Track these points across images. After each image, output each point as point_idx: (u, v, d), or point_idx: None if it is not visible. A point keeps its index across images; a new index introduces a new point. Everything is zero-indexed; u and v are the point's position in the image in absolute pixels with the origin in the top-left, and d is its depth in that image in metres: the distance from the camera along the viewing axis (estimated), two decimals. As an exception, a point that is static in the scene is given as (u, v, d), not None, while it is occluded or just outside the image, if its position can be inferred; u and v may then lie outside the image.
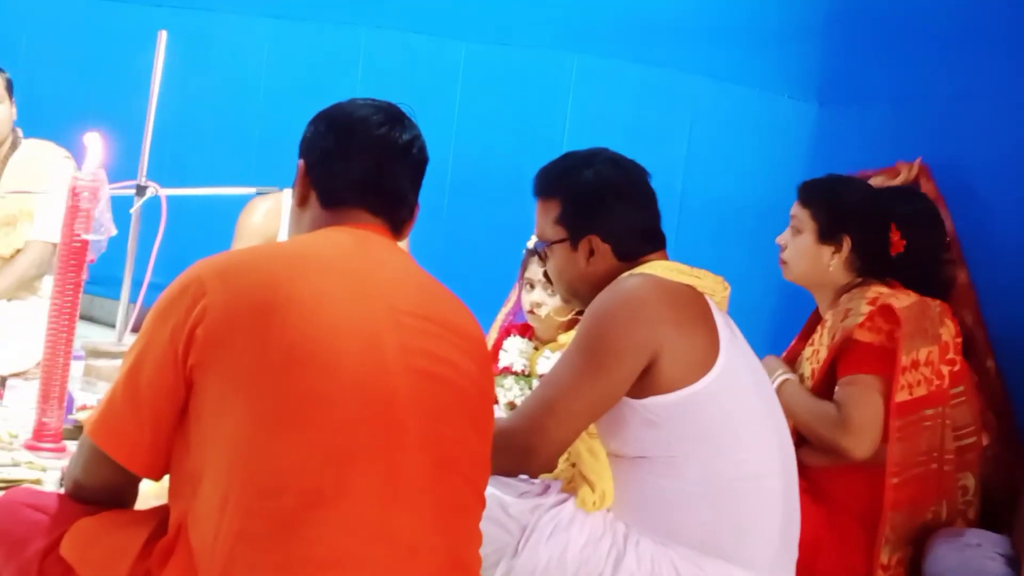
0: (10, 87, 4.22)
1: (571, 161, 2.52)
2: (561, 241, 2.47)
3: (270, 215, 3.87)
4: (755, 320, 3.30)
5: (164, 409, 1.68)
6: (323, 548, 1.59)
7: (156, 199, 4.11)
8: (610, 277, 2.42)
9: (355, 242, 1.83)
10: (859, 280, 3.00)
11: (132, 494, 1.84)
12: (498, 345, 3.64)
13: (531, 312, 3.51)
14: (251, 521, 1.58)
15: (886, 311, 2.85)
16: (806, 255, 3.03)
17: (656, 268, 2.40)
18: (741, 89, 4.26)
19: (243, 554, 1.57)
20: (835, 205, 3.01)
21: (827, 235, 3.00)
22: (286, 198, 3.90)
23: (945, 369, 2.87)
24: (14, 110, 4.24)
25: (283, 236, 3.84)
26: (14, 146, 4.29)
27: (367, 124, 1.90)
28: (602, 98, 4.53)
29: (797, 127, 4.16)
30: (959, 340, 2.94)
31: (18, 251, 4.23)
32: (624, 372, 2.30)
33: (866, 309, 2.86)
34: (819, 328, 3.03)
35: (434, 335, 1.77)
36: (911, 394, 2.80)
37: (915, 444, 2.83)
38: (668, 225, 4.26)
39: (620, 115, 4.46)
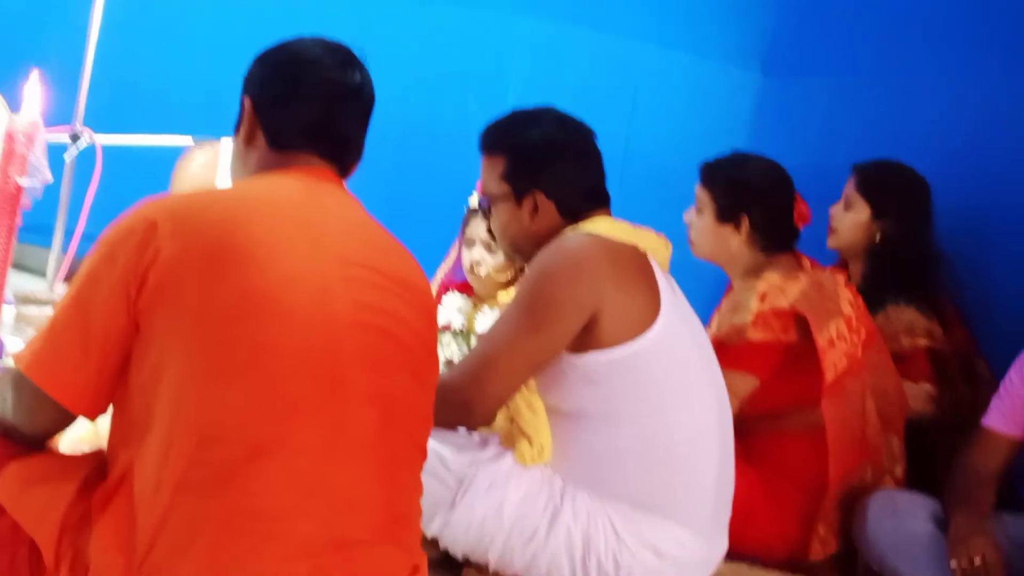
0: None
1: (518, 118, 2.51)
2: (505, 197, 2.47)
3: (207, 166, 3.81)
4: (694, 283, 3.33)
5: (111, 350, 1.64)
6: (262, 499, 1.57)
7: (91, 147, 4.04)
8: (553, 234, 2.42)
9: (307, 190, 1.80)
10: (763, 258, 3.00)
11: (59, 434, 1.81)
12: (437, 302, 3.63)
13: (470, 270, 3.50)
14: (192, 470, 1.56)
15: (777, 312, 2.87)
16: (708, 235, 3.05)
17: (599, 226, 2.40)
18: (686, 56, 4.26)
19: (183, 503, 1.55)
20: (732, 184, 3.02)
21: (725, 215, 3.01)
22: (224, 148, 3.84)
23: (855, 338, 2.90)
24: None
25: (220, 186, 3.79)
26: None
27: (318, 66, 1.87)
28: (548, 61, 4.50)
29: (740, 96, 4.17)
30: (859, 303, 2.97)
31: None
32: (564, 328, 2.31)
33: (755, 306, 2.88)
34: (720, 305, 3.08)
35: (383, 288, 1.75)
36: (836, 371, 2.84)
37: (843, 415, 2.87)
38: (610, 189, 4.28)
39: (565, 78, 4.43)
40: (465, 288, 3.62)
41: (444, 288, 3.67)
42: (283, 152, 1.86)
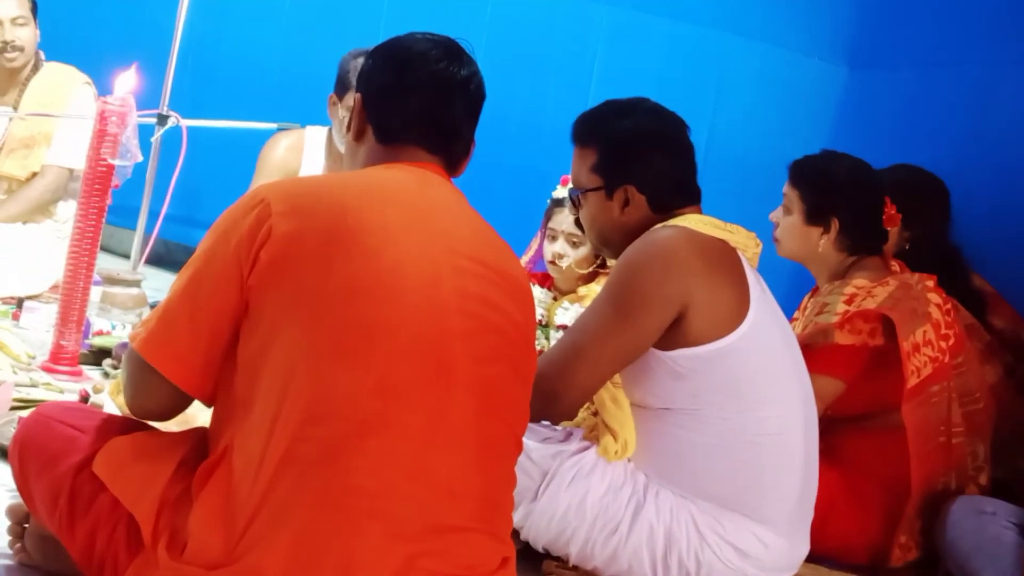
0: (34, 9, 4.18)
1: (611, 109, 2.49)
2: (596, 189, 2.45)
3: (292, 151, 3.84)
4: (776, 279, 3.30)
5: (222, 328, 1.66)
6: (364, 478, 1.59)
7: (177, 129, 4.09)
8: (643, 228, 2.40)
9: (417, 181, 1.81)
10: (851, 260, 2.97)
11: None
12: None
13: (552, 263, 3.50)
14: (297, 446, 1.58)
15: (864, 314, 2.83)
16: (795, 235, 3.01)
17: (689, 221, 2.38)
18: (770, 48, 4.22)
19: (285, 477, 1.57)
20: (823, 186, 2.97)
21: (815, 216, 2.98)
22: (309, 135, 3.87)
23: (944, 344, 2.87)
24: (38, 32, 4.20)
25: (304, 172, 3.82)
26: (35, 68, 4.26)
27: (425, 59, 1.88)
28: (630, 52, 4.49)
29: (825, 89, 4.13)
30: (949, 308, 2.93)
31: (34, 174, 4.20)
32: (653, 323, 2.29)
33: (842, 308, 2.85)
34: (804, 304, 3.04)
35: (488, 280, 1.76)
36: (919, 376, 2.80)
37: (926, 421, 2.83)
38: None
39: (648, 69, 4.42)
40: (545, 280, 3.62)
41: (524, 280, 3.67)
42: (391, 146, 1.87)
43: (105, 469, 1.73)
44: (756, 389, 2.33)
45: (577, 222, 2.55)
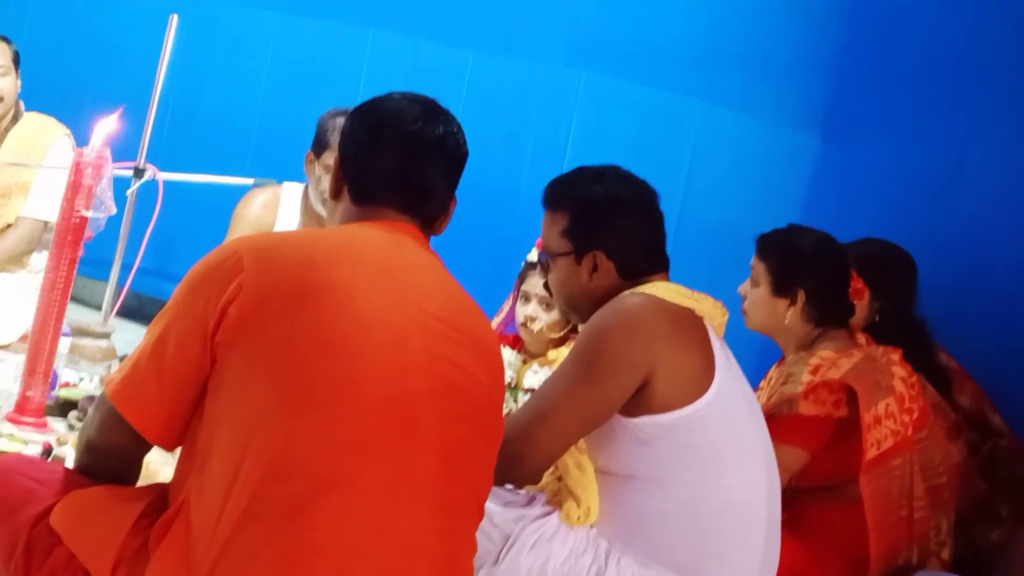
0: (16, 59, 4.20)
1: (583, 175, 2.52)
2: (566, 254, 2.47)
3: (267, 207, 3.84)
4: (745, 348, 3.32)
5: (187, 381, 1.68)
6: (323, 535, 1.59)
7: (153, 182, 4.09)
8: (611, 294, 2.42)
9: (388, 239, 1.83)
10: (817, 332, 3.00)
11: (137, 466, 1.84)
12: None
13: (524, 325, 3.50)
14: (258, 501, 1.58)
15: (828, 384, 2.85)
16: (763, 307, 3.04)
17: (657, 288, 2.40)
18: (744, 118, 4.27)
19: (245, 534, 1.57)
20: (789, 259, 3.01)
21: (781, 288, 3.00)
22: (285, 191, 3.88)
23: (907, 418, 2.88)
24: (19, 82, 4.22)
25: (279, 228, 3.82)
26: (15, 118, 4.27)
27: (400, 119, 1.91)
28: (606, 116, 4.53)
29: (799, 160, 4.17)
30: (914, 382, 2.96)
31: (8, 225, 4.20)
32: (618, 389, 2.30)
33: (806, 379, 2.87)
34: (770, 374, 3.06)
35: (456, 342, 1.77)
36: (879, 448, 2.81)
37: (886, 494, 2.84)
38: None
39: (623, 134, 4.46)
40: (516, 343, 3.62)
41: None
42: (365, 206, 1.90)
43: (62, 522, 1.73)
44: (720, 457, 2.34)
45: (546, 286, 2.56)
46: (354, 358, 1.65)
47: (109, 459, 1.79)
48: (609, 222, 2.45)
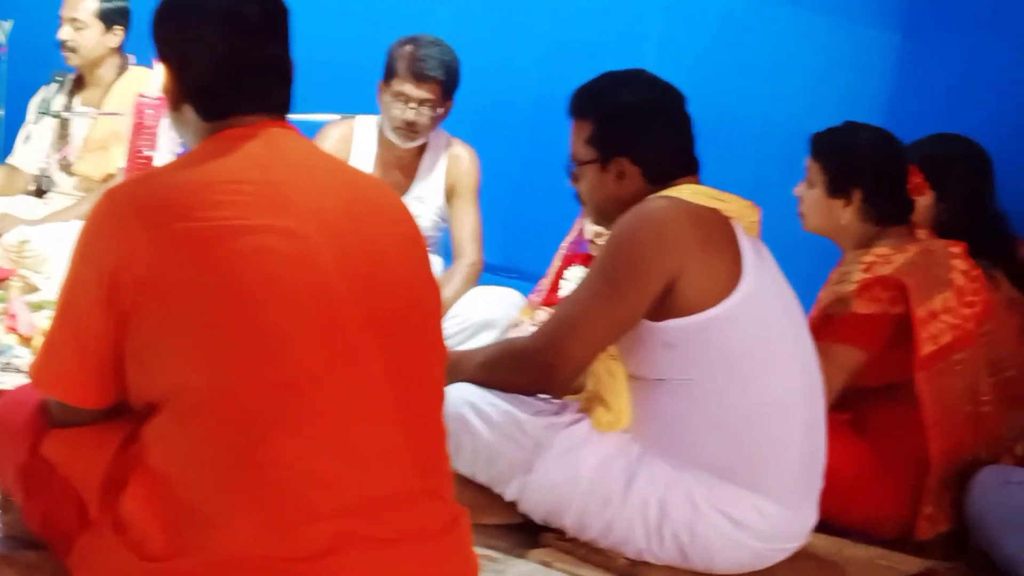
0: (110, 13, 4.31)
1: (606, 82, 2.50)
2: (592, 161, 2.46)
3: (342, 141, 3.89)
4: (810, 252, 3.25)
5: (105, 347, 1.66)
6: (287, 470, 1.59)
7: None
8: (639, 199, 2.40)
9: (264, 149, 1.73)
10: (876, 230, 2.90)
11: (111, 411, 1.79)
12: (559, 275, 3.65)
13: (592, 241, 3.50)
14: (214, 452, 1.59)
15: (882, 280, 2.76)
16: (819, 209, 2.95)
17: (682, 191, 2.37)
18: (824, 17, 4.13)
19: (210, 483, 1.59)
20: (843, 158, 2.91)
21: (836, 189, 2.91)
22: (358, 124, 3.93)
23: (967, 311, 2.78)
24: (114, 37, 4.34)
25: (355, 161, 3.88)
26: (121, 72, 4.42)
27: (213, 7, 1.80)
28: (685, 24, 4.43)
29: (881, 58, 4.03)
30: (977, 275, 2.84)
31: (109, 176, 4.35)
32: (643, 294, 2.29)
33: (859, 277, 2.78)
34: (831, 276, 2.98)
35: (364, 230, 1.73)
36: (936, 344, 2.72)
37: (949, 390, 2.75)
38: (748, 154, 4.14)
39: (703, 41, 4.36)
40: (588, 260, 3.62)
41: (567, 260, 3.68)
42: (216, 120, 1.78)
43: (54, 451, 1.78)
44: (751, 359, 2.31)
45: (577, 195, 2.55)
46: (262, 293, 1.61)
47: (82, 422, 1.79)
48: (633, 128, 2.43)
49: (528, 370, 2.38)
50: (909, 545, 2.74)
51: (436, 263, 3.99)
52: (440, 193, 3.91)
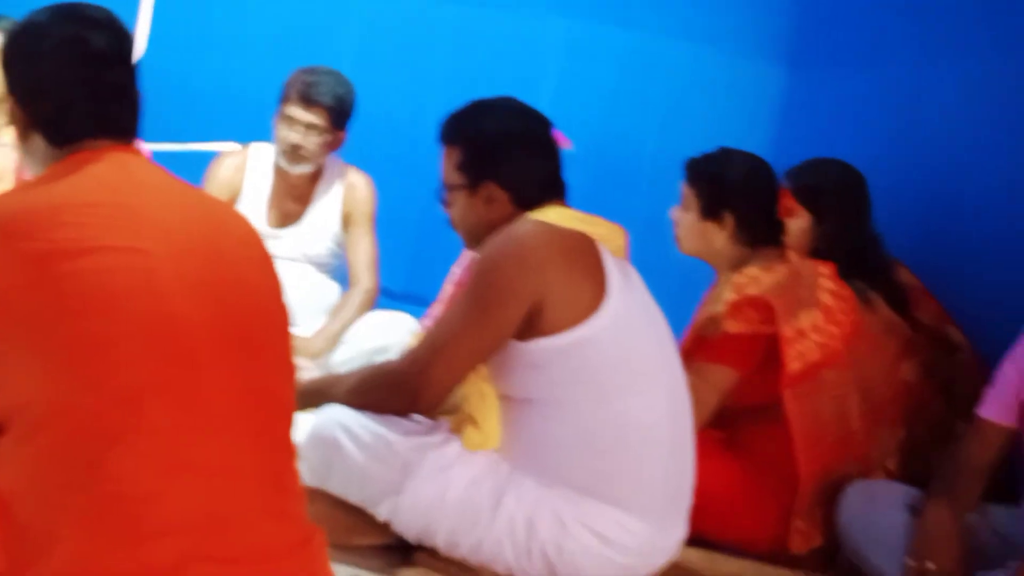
0: None
1: (474, 109, 2.55)
2: (461, 187, 2.51)
3: (236, 170, 3.91)
4: (689, 273, 3.33)
5: None
6: (126, 485, 1.59)
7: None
8: (508, 223, 2.45)
9: (114, 172, 1.75)
10: (748, 252, 2.98)
11: None
12: (450, 301, 3.69)
13: None
14: (54, 469, 1.59)
15: (751, 301, 2.84)
16: (693, 232, 3.04)
17: (548, 215, 2.43)
18: (714, 52, 4.25)
19: (48, 501, 1.58)
20: (716, 182, 3.01)
21: (709, 212, 3.00)
22: (252, 152, 3.96)
23: (835, 330, 2.87)
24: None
25: (249, 190, 3.91)
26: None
27: (59, 37, 1.81)
28: (582, 61, 4.53)
29: (768, 90, 4.15)
30: (845, 295, 2.94)
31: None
32: (509, 316, 2.34)
33: (730, 297, 2.86)
34: (704, 298, 3.06)
35: (211, 253, 1.75)
36: (803, 362, 2.80)
37: (818, 410, 2.83)
38: (639, 187, 4.23)
39: (600, 78, 4.46)
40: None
41: (458, 287, 3.72)
42: (66, 146, 1.80)
43: None
44: (616, 380, 2.36)
45: (449, 220, 2.60)
46: (105, 309, 1.62)
47: None
48: (499, 154, 2.48)
49: (396, 392, 2.42)
50: (783, 559, 2.80)
51: (333, 290, 4.03)
52: (336, 220, 3.94)
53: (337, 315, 3.82)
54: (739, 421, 2.93)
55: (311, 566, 1.78)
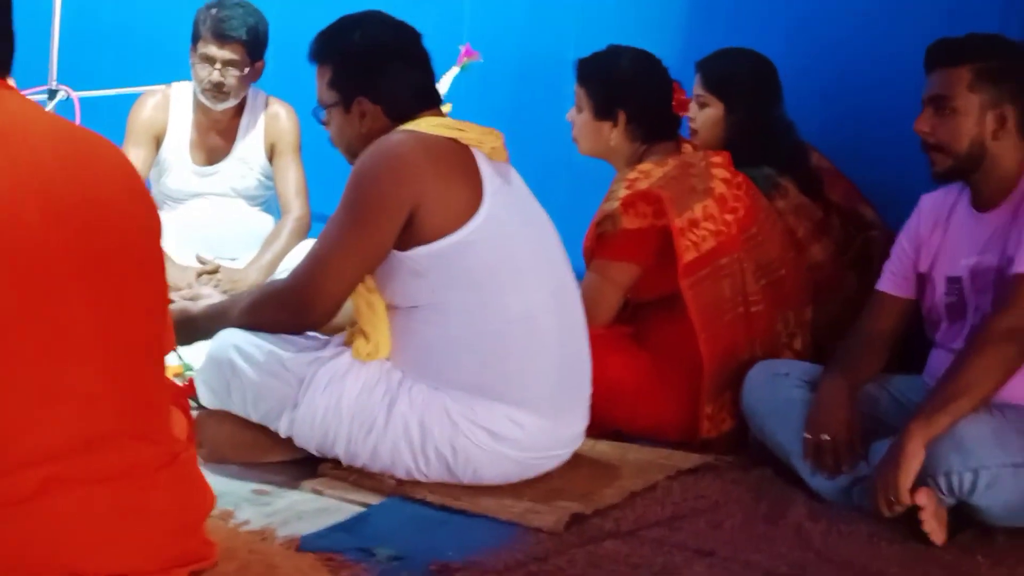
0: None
1: (341, 25, 2.58)
2: (335, 104, 2.54)
3: (158, 109, 3.95)
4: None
5: None
6: None
7: (69, 101, 4.24)
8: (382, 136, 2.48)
9: None
10: (643, 148, 3.02)
11: None
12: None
13: None
14: None
15: (643, 195, 2.86)
16: (588, 132, 3.07)
17: (420, 124, 2.46)
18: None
19: None
20: (606, 81, 3.03)
21: (602, 111, 3.03)
22: (174, 91, 3.99)
23: (729, 217, 2.90)
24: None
25: (172, 129, 3.94)
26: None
27: None
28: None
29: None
30: (739, 181, 2.97)
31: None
32: (387, 226, 2.38)
33: (623, 194, 2.89)
34: None
35: (86, 183, 1.75)
36: (699, 251, 2.84)
37: (717, 294, 2.87)
38: (562, 93, 4.23)
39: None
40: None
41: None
42: None
43: None
44: (495, 280, 2.41)
45: (330, 138, 2.63)
46: None
47: None
48: (369, 67, 2.51)
49: (287, 309, 2.48)
50: (695, 445, 2.85)
51: (266, 222, 4.07)
52: (261, 152, 3.97)
53: (270, 245, 3.87)
54: (644, 314, 2.98)
55: (179, 480, 1.84)
